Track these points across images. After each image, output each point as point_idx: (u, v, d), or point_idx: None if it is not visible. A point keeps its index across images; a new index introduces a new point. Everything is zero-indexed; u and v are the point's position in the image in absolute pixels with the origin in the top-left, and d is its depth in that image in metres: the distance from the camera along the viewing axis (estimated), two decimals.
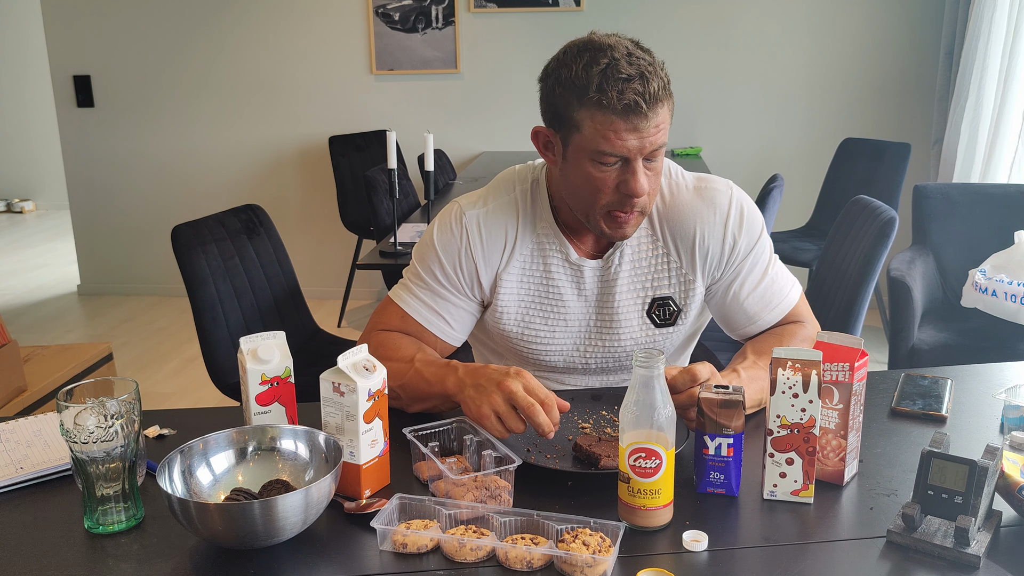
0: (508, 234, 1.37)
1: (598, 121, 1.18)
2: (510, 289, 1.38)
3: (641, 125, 1.17)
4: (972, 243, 3.04)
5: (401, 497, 1.02)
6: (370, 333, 1.40)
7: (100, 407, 0.98)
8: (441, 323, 1.39)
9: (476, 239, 1.36)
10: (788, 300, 1.42)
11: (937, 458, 0.96)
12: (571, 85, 1.19)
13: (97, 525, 1.02)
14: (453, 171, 4.33)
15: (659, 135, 1.20)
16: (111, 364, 2.83)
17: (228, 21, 4.59)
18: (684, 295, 1.38)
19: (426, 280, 1.39)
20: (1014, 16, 3.45)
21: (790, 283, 1.43)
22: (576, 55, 1.20)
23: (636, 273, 1.37)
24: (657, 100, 1.17)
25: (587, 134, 1.20)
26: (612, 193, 1.23)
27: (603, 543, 0.93)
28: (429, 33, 4.49)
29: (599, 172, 1.22)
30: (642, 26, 4.37)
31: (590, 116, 1.18)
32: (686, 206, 1.36)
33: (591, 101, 1.17)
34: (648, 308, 1.38)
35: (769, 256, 1.41)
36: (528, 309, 1.39)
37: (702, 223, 1.35)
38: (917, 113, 4.37)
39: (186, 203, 4.80)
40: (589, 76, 1.17)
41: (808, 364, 1.02)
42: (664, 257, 1.37)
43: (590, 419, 1.28)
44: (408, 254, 2.79)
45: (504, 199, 1.38)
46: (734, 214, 1.36)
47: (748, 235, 1.37)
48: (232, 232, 2.37)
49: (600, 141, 1.19)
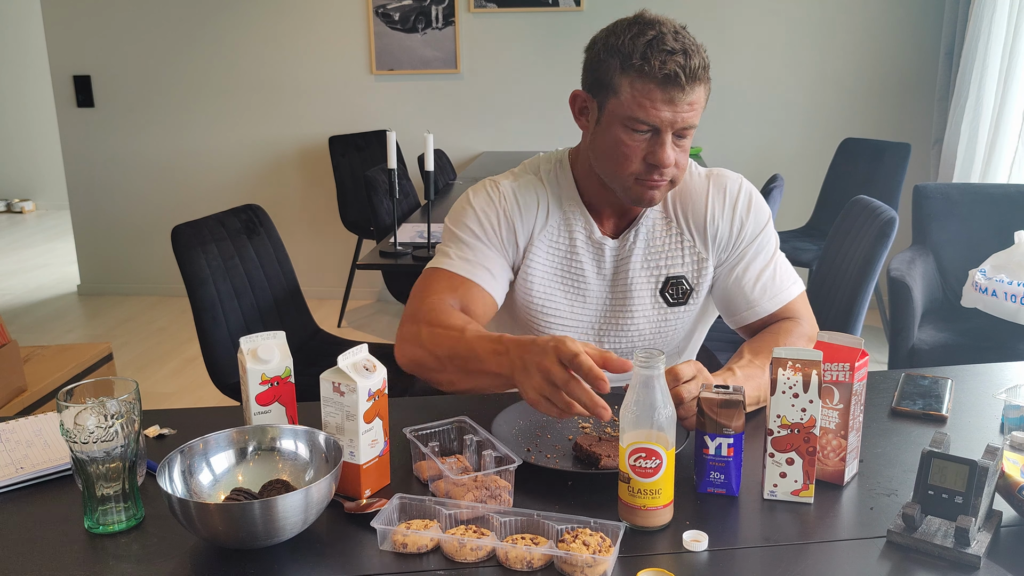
0: (540, 203, 1.41)
1: (637, 88, 1.23)
2: (539, 258, 1.41)
3: (677, 98, 1.22)
4: (972, 243, 3.04)
5: (401, 497, 1.02)
6: (419, 300, 1.34)
7: (100, 407, 0.98)
8: (485, 274, 1.37)
9: (513, 203, 1.41)
10: (788, 293, 1.43)
11: (937, 458, 0.96)
12: (616, 52, 1.25)
13: (97, 525, 1.02)
14: (453, 171, 4.33)
15: (692, 114, 1.25)
16: (111, 364, 2.83)
17: (228, 21, 4.59)
18: (697, 274, 1.42)
19: (464, 239, 1.39)
20: (1014, 16, 3.45)
21: (793, 278, 1.45)
22: (626, 27, 1.26)
23: (650, 252, 1.41)
24: (696, 77, 1.22)
25: (624, 100, 1.24)
26: (640, 162, 1.28)
27: (603, 543, 0.93)
28: (429, 33, 4.49)
29: (630, 139, 1.26)
30: None
31: (630, 83, 1.23)
32: (698, 189, 1.42)
33: (633, 68, 1.22)
34: (662, 287, 1.41)
35: (774, 249, 1.45)
36: (552, 281, 1.42)
37: (712, 204, 1.40)
38: (917, 113, 4.37)
39: (186, 203, 4.80)
40: (635, 45, 1.23)
41: (808, 364, 1.02)
42: (678, 237, 1.41)
43: (590, 419, 1.28)
44: (408, 254, 2.80)
45: (531, 177, 1.44)
46: (743, 199, 1.41)
47: (755, 221, 1.42)
48: (232, 232, 2.37)
49: (635, 108, 1.23)
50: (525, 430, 1.24)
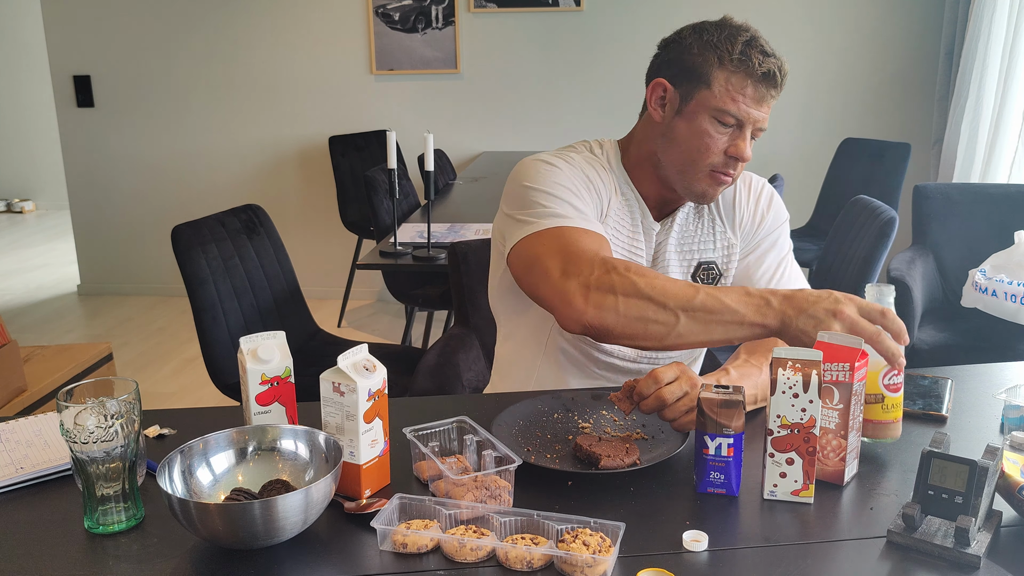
0: (605, 178, 1.38)
1: (733, 82, 1.27)
2: (612, 230, 1.37)
3: (768, 97, 1.29)
4: (972, 243, 3.04)
5: (401, 497, 1.02)
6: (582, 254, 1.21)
7: (100, 407, 0.98)
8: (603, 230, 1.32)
9: (592, 171, 1.37)
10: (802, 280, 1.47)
11: (937, 458, 0.96)
12: (713, 47, 1.28)
13: (97, 525, 1.02)
14: (453, 171, 4.33)
15: (767, 118, 1.31)
16: (111, 364, 2.83)
17: (228, 21, 4.59)
18: (727, 259, 1.46)
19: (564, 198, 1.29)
20: (1014, 16, 3.45)
21: (802, 282, 1.48)
22: (717, 27, 1.31)
23: (683, 238, 1.44)
24: (781, 83, 1.29)
25: (717, 92, 1.28)
26: (719, 155, 1.31)
27: (603, 543, 0.93)
28: (429, 33, 4.49)
29: (715, 131, 1.29)
30: (642, 26, 4.37)
31: (726, 76, 1.27)
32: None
33: (733, 62, 1.27)
34: (693, 272, 1.44)
35: (788, 251, 1.49)
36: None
37: (739, 193, 1.45)
38: (917, 113, 4.37)
39: (186, 203, 4.80)
40: (733, 43, 1.28)
41: (808, 364, 1.02)
42: (710, 223, 1.45)
43: (590, 419, 1.28)
44: (408, 254, 2.79)
45: (586, 154, 1.40)
46: (766, 194, 1.47)
47: (775, 216, 1.47)
48: (232, 232, 2.37)
49: (728, 101, 1.27)
50: (525, 430, 1.24)
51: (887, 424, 1.17)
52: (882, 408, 1.16)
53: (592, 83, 4.48)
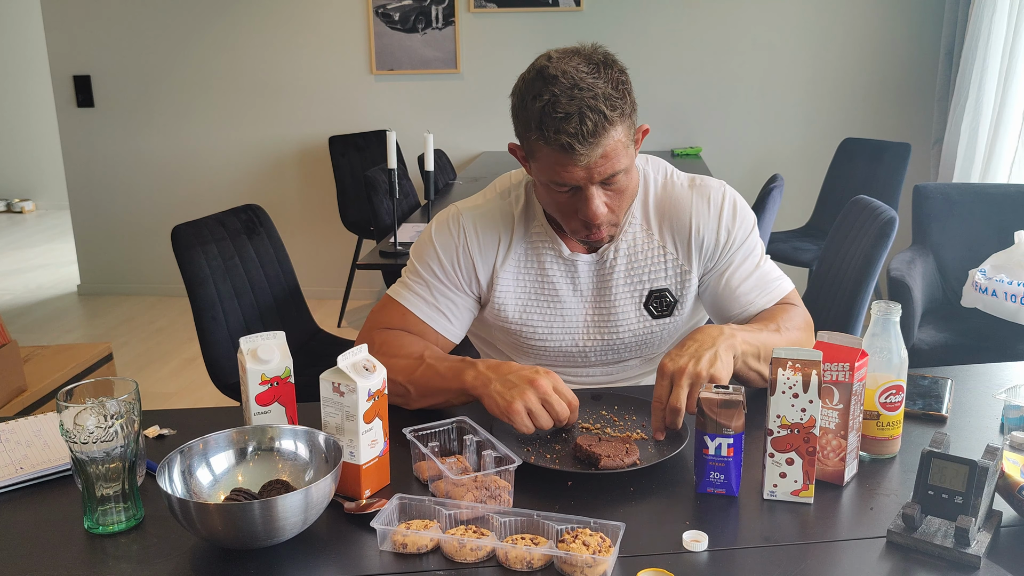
0: (503, 232, 1.41)
1: (544, 154, 1.23)
2: (506, 285, 1.42)
3: (581, 161, 1.20)
4: (972, 243, 3.03)
5: (401, 497, 1.02)
6: (370, 331, 1.41)
7: (100, 407, 0.98)
8: (442, 319, 1.41)
9: (473, 237, 1.41)
10: (780, 289, 1.44)
11: (937, 458, 0.96)
12: (521, 116, 1.25)
13: (97, 525, 1.02)
14: (453, 171, 4.33)
15: (608, 163, 1.22)
16: (111, 364, 2.83)
17: (228, 21, 4.59)
18: (681, 286, 1.42)
19: (425, 278, 1.42)
20: (1014, 16, 3.45)
21: (781, 276, 1.46)
22: (528, 86, 1.24)
23: (632, 266, 1.41)
24: (595, 135, 1.19)
25: (540, 162, 1.25)
26: (575, 219, 1.29)
27: (603, 543, 0.93)
28: (429, 33, 4.49)
29: (558, 196, 1.28)
30: (642, 26, 4.37)
31: (539, 148, 1.24)
32: (681, 199, 1.41)
33: (535, 135, 1.22)
34: (645, 300, 1.42)
35: (761, 253, 1.46)
36: (526, 304, 1.43)
37: (697, 215, 1.39)
38: (917, 113, 4.37)
39: (186, 203, 4.80)
40: (532, 111, 1.21)
41: (808, 364, 1.02)
42: (660, 250, 1.41)
43: (590, 419, 1.27)
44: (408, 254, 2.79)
45: (499, 202, 1.44)
46: (727, 207, 1.40)
47: (742, 227, 1.41)
48: (232, 232, 2.37)
49: (550, 172, 1.24)
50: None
51: (883, 441, 1.16)
52: (877, 425, 1.16)
53: None
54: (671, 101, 4.46)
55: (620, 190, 1.28)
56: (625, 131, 1.23)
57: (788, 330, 1.35)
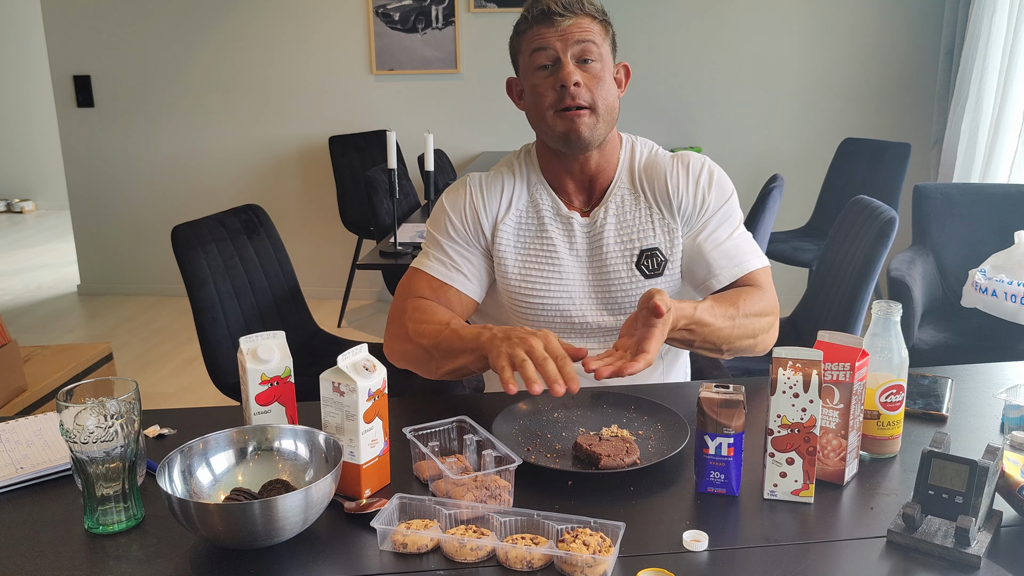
0: (505, 188, 1.51)
1: (528, 36, 1.41)
2: (508, 238, 1.49)
3: (560, 24, 1.37)
4: (972, 243, 3.04)
5: (401, 497, 1.02)
6: (402, 301, 1.47)
7: (100, 407, 0.98)
8: (460, 276, 1.48)
9: (477, 193, 1.51)
10: (750, 263, 1.45)
11: (937, 458, 0.96)
12: (515, 27, 1.45)
13: (97, 525, 1.02)
14: (453, 171, 4.33)
15: (582, 33, 1.36)
16: (111, 364, 2.83)
17: (228, 21, 4.59)
18: (670, 245, 1.46)
19: (440, 241, 1.50)
20: (1014, 16, 3.45)
21: (757, 253, 1.47)
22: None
23: (622, 227, 1.46)
24: (570, 6, 1.36)
25: (525, 51, 1.42)
26: (552, 93, 1.38)
27: (603, 543, 0.93)
28: (429, 33, 4.49)
29: (540, 79, 1.39)
30: (642, 26, 4.37)
31: (526, 38, 1.41)
32: (661, 165, 1.48)
33: (523, 25, 1.42)
34: (637, 259, 1.45)
35: (738, 223, 1.49)
36: (526, 259, 1.48)
37: (674, 178, 1.46)
38: (917, 113, 4.37)
39: (186, 203, 4.80)
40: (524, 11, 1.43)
41: (808, 364, 1.02)
42: (647, 210, 1.46)
43: (591, 418, 1.27)
44: (408, 254, 2.80)
45: (503, 168, 1.54)
46: (705, 174, 1.47)
47: (718, 193, 1.46)
48: (232, 232, 2.37)
49: (532, 51, 1.40)
50: (525, 430, 1.24)
51: (883, 441, 1.17)
52: (877, 425, 1.16)
53: None
54: (671, 101, 4.46)
55: (595, 75, 1.37)
56: (601, 29, 1.39)
57: (747, 316, 1.35)
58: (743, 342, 1.37)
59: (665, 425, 1.23)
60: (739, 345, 1.37)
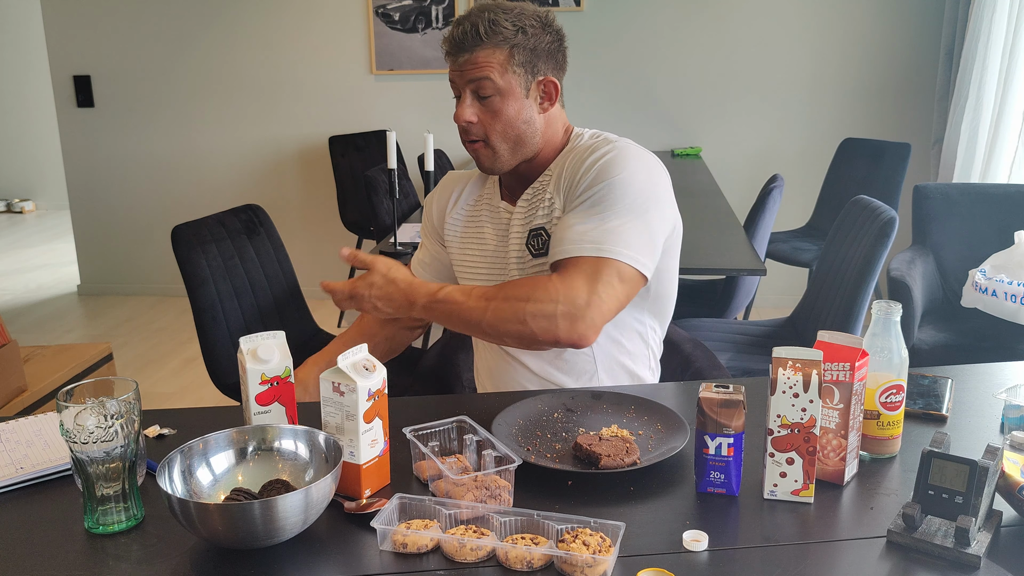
0: (460, 184, 1.61)
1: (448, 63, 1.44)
2: (454, 229, 1.59)
3: (457, 59, 1.39)
4: (972, 243, 3.04)
5: (401, 497, 1.02)
6: None
7: (100, 407, 0.98)
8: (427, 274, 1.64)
9: (441, 189, 1.63)
10: (577, 250, 1.32)
11: (937, 458, 0.96)
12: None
13: (97, 525, 1.02)
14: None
15: (476, 70, 1.38)
16: (111, 364, 2.83)
17: (228, 21, 4.59)
18: (552, 222, 1.45)
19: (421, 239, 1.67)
20: (1014, 16, 3.45)
21: (602, 245, 1.31)
22: None
23: (529, 211, 1.49)
24: (466, 38, 1.37)
25: None
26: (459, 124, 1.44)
27: (603, 543, 0.93)
28: (429, 33, 4.49)
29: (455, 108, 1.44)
30: (642, 26, 4.37)
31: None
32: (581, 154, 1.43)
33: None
34: (527, 239, 1.48)
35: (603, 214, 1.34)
36: (464, 244, 1.57)
37: (575, 159, 1.44)
38: (917, 113, 4.37)
39: (186, 203, 4.80)
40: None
41: (808, 364, 1.02)
42: (548, 195, 1.47)
43: (591, 418, 1.27)
44: (408, 254, 2.80)
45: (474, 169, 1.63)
46: (602, 159, 1.38)
47: (599, 180, 1.36)
48: (232, 232, 2.37)
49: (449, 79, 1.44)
50: (525, 430, 1.24)
51: (883, 441, 1.17)
52: (877, 425, 1.16)
53: (592, 82, 4.48)
54: (671, 101, 4.46)
55: (492, 110, 1.40)
56: (504, 57, 1.38)
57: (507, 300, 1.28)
58: (508, 326, 1.28)
59: (665, 425, 1.23)
60: (505, 328, 1.28)
